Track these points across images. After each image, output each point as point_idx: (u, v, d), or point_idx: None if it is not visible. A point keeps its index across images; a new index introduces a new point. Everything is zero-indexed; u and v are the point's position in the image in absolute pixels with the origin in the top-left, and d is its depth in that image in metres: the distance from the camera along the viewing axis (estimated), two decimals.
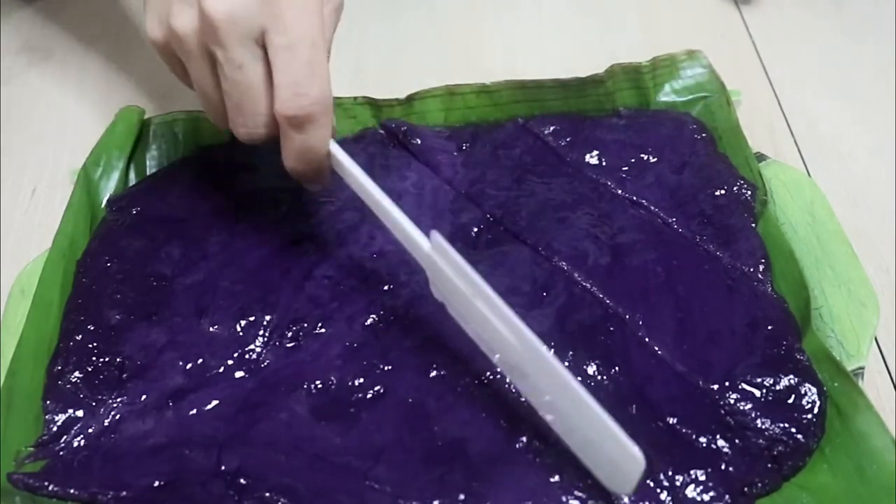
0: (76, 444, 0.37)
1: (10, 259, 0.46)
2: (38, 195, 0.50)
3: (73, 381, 0.39)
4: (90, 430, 0.37)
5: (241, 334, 0.40)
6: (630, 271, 0.43)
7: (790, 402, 0.37)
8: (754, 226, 0.45)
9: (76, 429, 0.37)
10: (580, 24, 0.61)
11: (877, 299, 0.41)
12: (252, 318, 0.41)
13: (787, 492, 0.36)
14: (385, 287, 0.42)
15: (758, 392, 0.38)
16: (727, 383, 0.38)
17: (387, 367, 0.39)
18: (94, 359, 0.39)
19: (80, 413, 0.38)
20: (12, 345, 0.39)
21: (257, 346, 0.40)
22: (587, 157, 0.48)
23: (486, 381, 0.38)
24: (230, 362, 0.40)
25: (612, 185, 0.47)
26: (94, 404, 0.38)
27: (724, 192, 0.46)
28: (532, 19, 0.62)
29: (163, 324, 0.41)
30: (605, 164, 0.48)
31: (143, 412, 0.38)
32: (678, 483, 0.35)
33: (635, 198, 0.46)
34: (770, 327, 0.40)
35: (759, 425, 0.37)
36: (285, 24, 0.36)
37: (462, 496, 0.35)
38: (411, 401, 0.38)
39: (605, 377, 0.38)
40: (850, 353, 0.40)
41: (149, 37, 0.39)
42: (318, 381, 0.39)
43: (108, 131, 0.49)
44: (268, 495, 0.35)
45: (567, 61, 0.55)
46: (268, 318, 0.41)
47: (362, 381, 0.38)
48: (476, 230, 0.45)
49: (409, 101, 0.52)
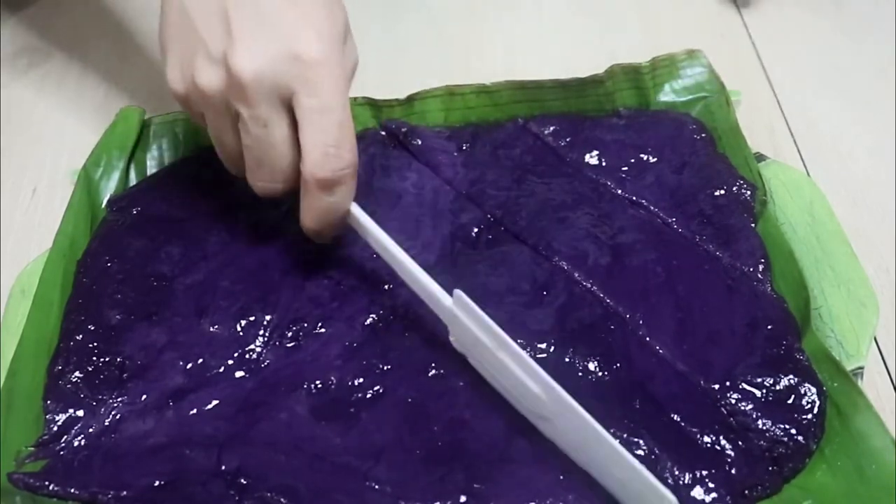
0: (76, 444, 0.37)
1: (11, 259, 0.46)
2: (39, 195, 0.50)
3: (74, 380, 0.39)
4: (90, 430, 0.37)
5: (241, 334, 0.40)
6: (630, 271, 0.43)
7: (790, 402, 0.37)
8: (754, 226, 0.45)
9: (76, 429, 0.37)
10: (580, 24, 0.61)
11: (876, 299, 0.41)
12: (252, 318, 0.41)
13: (787, 493, 0.36)
14: (385, 287, 0.42)
15: (758, 392, 0.38)
16: (727, 383, 0.38)
17: (387, 367, 0.39)
18: (94, 359, 0.39)
19: (80, 413, 0.38)
20: (12, 345, 0.40)
21: (257, 346, 0.40)
22: (587, 157, 0.48)
23: (486, 381, 0.38)
24: (230, 362, 0.40)
25: (612, 185, 0.47)
26: (94, 404, 0.38)
27: (723, 192, 0.46)
28: (532, 19, 0.62)
29: (163, 324, 0.41)
30: (604, 164, 0.48)
31: (143, 412, 0.38)
32: (681, 483, 0.35)
33: (635, 198, 0.46)
34: (770, 327, 0.40)
35: (760, 426, 0.37)
36: (316, 87, 0.35)
37: (463, 497, 0.35)
38: (411, 401, 0.38)
39: (606, 374, 0.38)
40: (849, 353, 0.40)
41: (170, 87, 0.39)
42: (318, 381, 0.39)
43: (109, 131, 0.49)
44: (268, 495, 0.35)
45: (567, 61, 0.55)
46: (268, 317, 0.41)
47: (362, 381, 0.39)
48: (476, 230, 0.45)
49: (410, 101, 0.52)
